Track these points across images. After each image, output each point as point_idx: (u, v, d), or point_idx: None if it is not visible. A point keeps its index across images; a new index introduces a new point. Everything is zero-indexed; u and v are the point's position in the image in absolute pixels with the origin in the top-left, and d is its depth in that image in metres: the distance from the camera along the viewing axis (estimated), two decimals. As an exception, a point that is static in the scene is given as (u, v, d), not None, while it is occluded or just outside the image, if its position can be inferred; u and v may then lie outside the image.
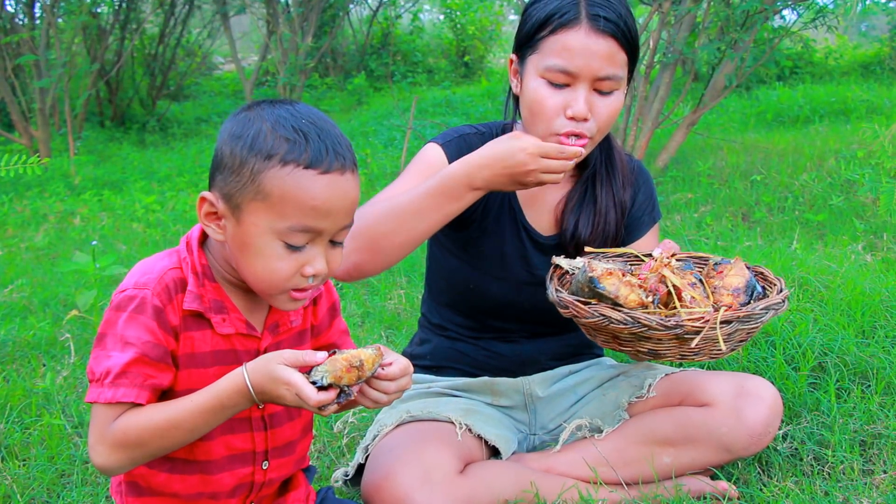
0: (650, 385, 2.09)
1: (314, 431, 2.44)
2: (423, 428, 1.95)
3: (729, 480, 2.07)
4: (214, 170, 1.43)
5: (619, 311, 1.61)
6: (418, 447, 1.85)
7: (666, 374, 2.11)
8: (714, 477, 2.05)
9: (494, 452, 2.03)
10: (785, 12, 6.42)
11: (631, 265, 1.93)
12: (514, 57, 1.98)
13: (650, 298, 1.67)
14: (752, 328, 1.63)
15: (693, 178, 5.69)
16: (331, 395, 1.34)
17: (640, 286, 1.69)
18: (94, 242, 3.87)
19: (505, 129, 2.11)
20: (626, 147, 5.71)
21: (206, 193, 1.43)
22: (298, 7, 8.24)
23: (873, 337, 2.62)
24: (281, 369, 1.34)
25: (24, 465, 2.32)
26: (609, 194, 2.08)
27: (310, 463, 1.79)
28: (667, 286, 1.70)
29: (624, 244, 2.13)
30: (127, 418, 1.37)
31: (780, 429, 2.18)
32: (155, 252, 4.82)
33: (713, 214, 4.89)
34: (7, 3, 8.65)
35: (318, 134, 1.39)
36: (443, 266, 2.15)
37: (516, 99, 2.02)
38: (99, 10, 9.47)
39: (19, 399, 2.67)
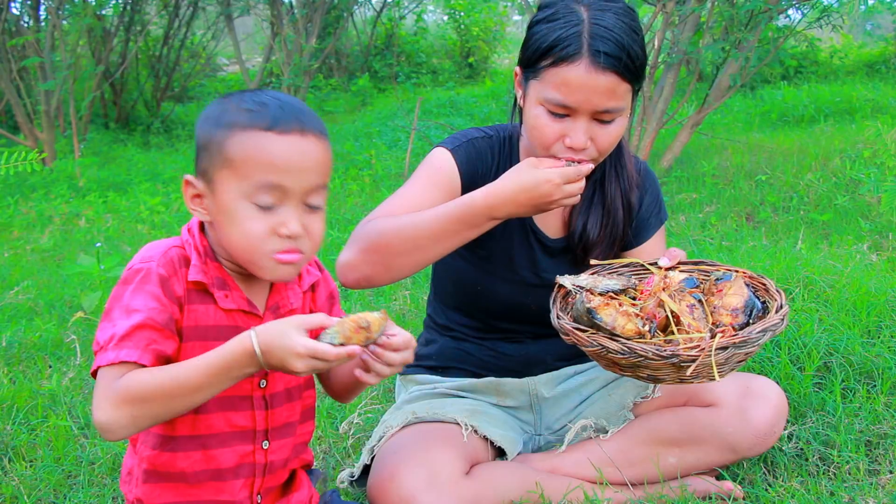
0: (655, 385, 2.09)
1: (320, 432, 2.45)
2: (428, 429, 1.95)
3: (734, 480, 2.07)
4: (195, 155, 1.52)
5: (617, 340, 1.64)
6: (424, 448, 1.85)
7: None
8: (719, 477, 2.06)
9: (500, 453, 2.03)
10: (789, 11, 6.42)
11: (636, 277, 1.93)
12: (518, 70, 1.97)
13: (647, 327, 1.67)
14: (750, 351, 1.63)
15: (698, 179, 5.68)
16: (347, 348, 1.38)
17: (638, 315, 1.69)
18: (99, 244, 3.88)
19: (513, 132, 2.10)
20: (630, 147, 5.70)
21: (188, 176, 1.51)
22: (302, 8, 8.24)
23: (879, 337, 2.62)
24: (294, 336, 1.37)
25: (30, 467, 2.33)
26: (619, 193, 2.07)
27: (314, 465, 1.79)
28: (665, 311, 1.71)
29: (632, 247, 2.12)
30: (132, 374, 1.39)
31: (785, 429, 2.18)
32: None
33: (718, 214, 4.89)
34: (12, 5, 8.67)
35: (280, 105, 1.47)
36: (450, 268, 2.15)
37: (521, 107, 2.01)
38: (104, 13, 9.48)
39: (25, 400, 2.68)
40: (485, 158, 2.05)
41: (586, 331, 1.68)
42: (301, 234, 1.47)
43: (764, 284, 1.80)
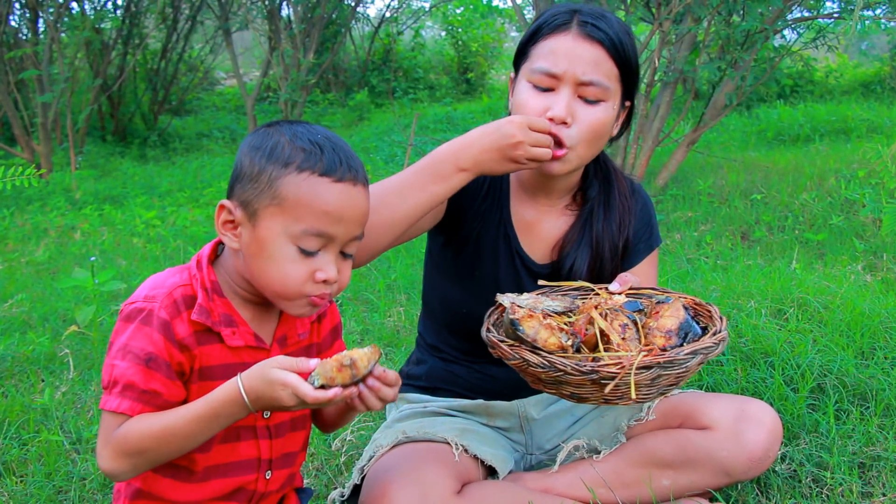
0: (649, 407, 2.08)
1: (312, 449, 2.44)
2: (419, 448, 1.94)
3: (727, 502, 2.06)
4: (234, 181, 1.49)
5: (538, 354, 1.60)
6: (415, 468, 1.84)
7: (665, 396, 2.10)
8: (712, 499, 2.05)
9: (491, 472, 2.02)
10: (785, 31, 6.46)
11: (582, 299, 1.90)
12: (511, 74, 2.01)
13: (570, 341, 1.64)
14: (680, 373, 1.59)
15: (693, 197, 5.70)
16: (329, 393, 1.37)
17: (562, 329, 1.66)
18: (93, 258, 3.87)
19: None
20: (626, 165, 5.72)
21: (225, 201, 1.49)
22: (301, 23, 8.27)
23: (872, 358, 2.61)
24: (276, 372, 1.37)
25: (21, 482, 2.31)
26: (606, 236, 2.05)
27: (304, 484, 1.78)
28: (595, 329, 1.68)
29: (622, 271, 2.10)
30: (127, 426, 1.41)
31: (778, 450, 2.17)
32: (154, 268, 4.78)
33: (713, 233, 4.90)
34: (11, 18, 8.69)
35: (333, 147, 1.47)
36: (437, 288, 2.15)
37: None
38: (102, 26, 9.51)
39: (17, 415, 2.67)
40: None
41: (511, 343, 1.66)
42: (335, 280, 1.48)
43: (709, 311, 1.77)
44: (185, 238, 5.52)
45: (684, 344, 1.64)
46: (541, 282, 1.95)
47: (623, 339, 1.65)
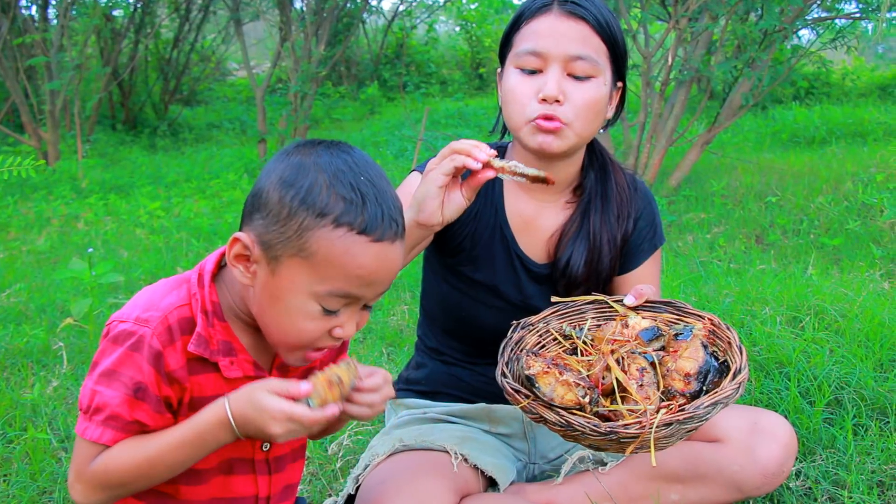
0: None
1: (308, 453, 2.36)
2: (416, 458, 1.85)
3: (738, 520, 1.97)
4: (253, 209, 1.33)
5: (555, 411, 1.56)
6: (411, 479, 1.76)
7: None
8: (723, 516, 1.96)
9: (492, 482, 1.94)
10: (802, 32, 6.34)
11: (600, 314, 1.84)
12: (499, 69, 1.95)
13: (587, 398, 1.58)
14: (698, 424, 1.56)
15: (706, 198, 5.59)
16: (326, 411, 1.30)
17: (579, 384, 1.59)
18: (91, 250, 3.79)
19: (499, 150, 2.01)
20: (639, 165, 5.63)
21: (241, 235, 1.33)
22: (312, 15, 8.18)
23: (892, 370, 2.52)
24: (267, 400, 1.28)
25: (3, 482, 2.24)
26: (603, 228, 1.96)
27: (298, 492, 1.71)
28: (612, 376, 1.62)
29: (622, 272, 2.02)
30: (107, 457, 1.32)
31: (793, 466, 2.08)
32: (155, 260, 4.65)
33: (726, 236, 4.79)
34: (21, 3, 8.63)
35: (377, 196, 1.31)
36: (435, 290, 2.07)
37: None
38: (114, 14, 9.45)
39: (5, 410, 2.59)
40: None
41: (528, 396, 1.59)
42: (352, 335, 1.38)
43: (728, 339, 1.69)
44: (189, 230, 5.45)
45: (703, 387, 1.60)
46: (554, 298, 1.87)
47: (641, 385, 1.61)
